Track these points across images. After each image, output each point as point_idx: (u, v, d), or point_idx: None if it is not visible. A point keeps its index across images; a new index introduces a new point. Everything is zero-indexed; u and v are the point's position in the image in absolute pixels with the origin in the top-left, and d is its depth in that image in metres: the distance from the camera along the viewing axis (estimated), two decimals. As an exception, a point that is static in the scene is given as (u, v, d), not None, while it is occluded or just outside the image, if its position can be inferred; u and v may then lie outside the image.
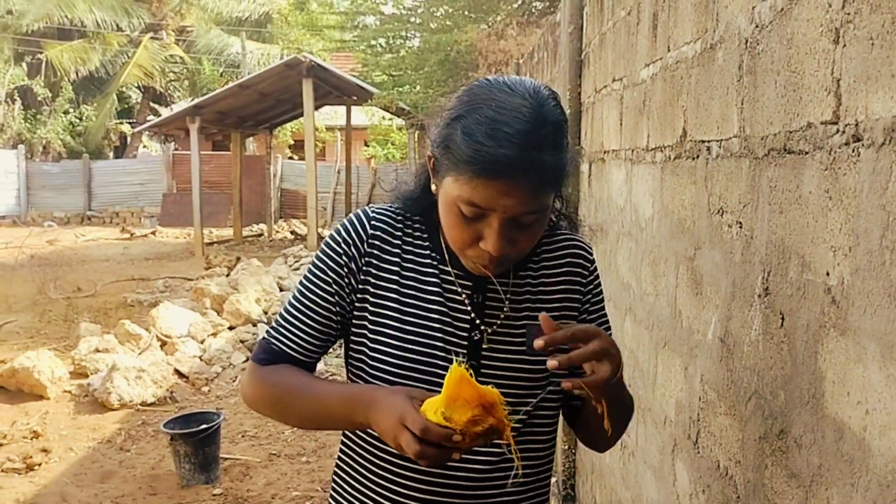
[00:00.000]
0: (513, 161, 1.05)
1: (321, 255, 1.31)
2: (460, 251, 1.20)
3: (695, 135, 1.69)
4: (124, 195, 22.55)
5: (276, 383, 1.28)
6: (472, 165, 1.08)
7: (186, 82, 25.79)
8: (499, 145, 1.06)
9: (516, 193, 1.08)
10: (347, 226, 1.30)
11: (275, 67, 14.09)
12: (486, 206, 1.10)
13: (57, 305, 9.83)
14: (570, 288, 1.34)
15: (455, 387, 1.06)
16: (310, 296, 1.29)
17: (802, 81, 1.14)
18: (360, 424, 1.18)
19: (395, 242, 1.30)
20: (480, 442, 1.07)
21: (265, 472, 4.77)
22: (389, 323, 1.26)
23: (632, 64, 2.31)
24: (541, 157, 1.07)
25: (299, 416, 1.30)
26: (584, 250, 1.37)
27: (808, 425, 1.11)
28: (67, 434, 5.42)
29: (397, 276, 1.28)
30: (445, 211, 1.17)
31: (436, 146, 1.18)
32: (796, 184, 1.16)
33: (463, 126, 1.10)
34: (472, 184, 1.09)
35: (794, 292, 1.17)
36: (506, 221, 1.11)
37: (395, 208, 1.33)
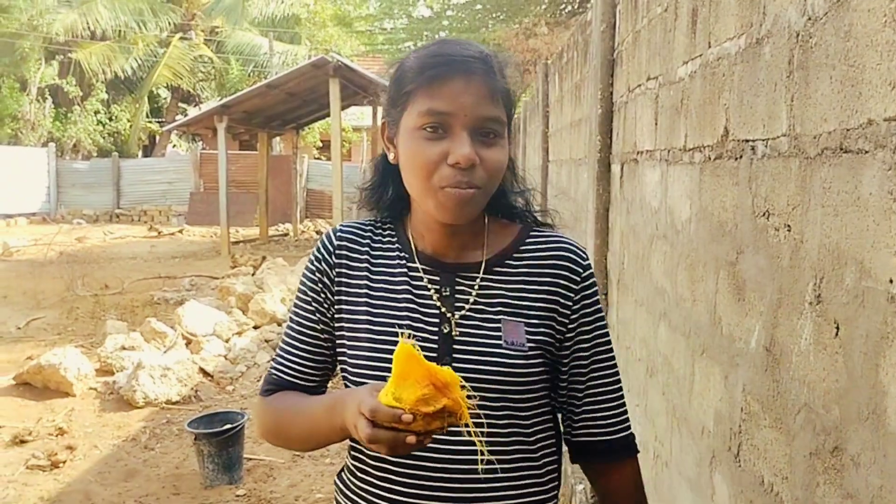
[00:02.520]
0: (463, 58, 1.16)
1: (302, 281, 1.35)
2: (426, 182, 1.17)
3: (738, 134, 1.62)
4: (152, 194, 22.78)
5: (274, 410, 1.31)
6: (429, 69, 1.16)
7: (214, 82, 26.01)
8: (448, 51, 1.18)
9: (472, 91, 1.15)
10: (318, 245, 1.35)
11: (302, 67, 14.11)
12: (447, 110, 1.14)
13: (84, 302, 9.93)
14: (554, 291, 1.27)
15: (403, 365, 1.03)
16: (298, 321, 1.33)
17: (862, 76, 1.07)
18: (342, 429, 1.15)
19: (363, 250, 1.32)
20: (437, 425, 1.02)
21: (289, 473, 4.74)
22: (362, 326, 1.27)
23: (668, 62, 2.23)
24: (489, 57, 1.20)
25: (298, 438, 1.31)
26: (574, 254, 1.30)
27: (867, 443, 1.04)
28: (92, 432, 5.45)
29: (367, 279, 1.29)
30: (408, 149, 1.18)
31: (388, 100, 1.25)
32: (854, 185, 1.09)
33: (412, 57, 1.22)
34: (430, 90, 1.15)
35: (851, 300, 1.09)
36: (469, 129, 1.15)
37: (364, 220, 1.37)
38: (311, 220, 21.28)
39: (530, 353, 1.23)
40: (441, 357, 1.21)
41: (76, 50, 22.69)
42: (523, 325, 1.24)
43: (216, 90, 25.68)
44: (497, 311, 1.25)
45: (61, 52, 22.97)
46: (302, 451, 1.40)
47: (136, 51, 23.29)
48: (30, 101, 22.44)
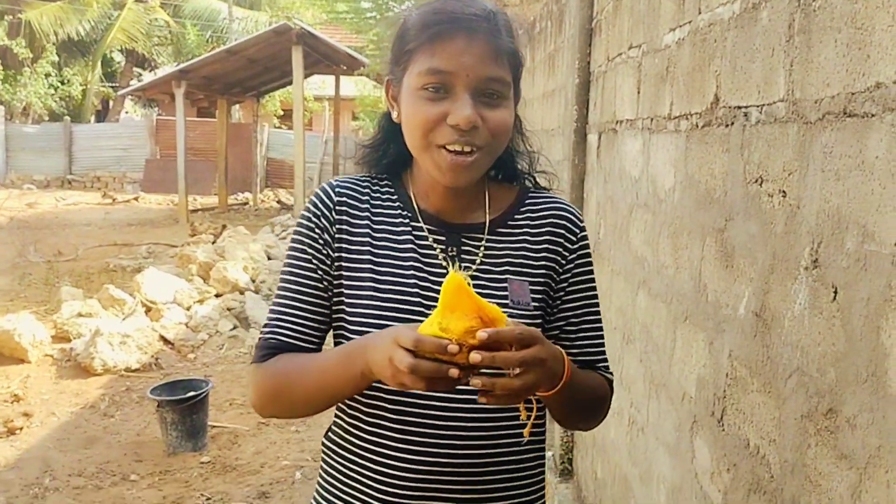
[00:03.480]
0: (467, 14, 1.13)
1: (296, 237, 1.29)
2: (425, 140, 1.16)
3: (729, 101, 1.61)
4: (106, 160, 22.18)
5: (276, 373, 1.23)
6: (431, 26, 1.13)
7: (171, 47, 25.33)
8: (452, 7, 1.14)
9: (475, 50, 1.12)
10: (315, 200, 1.29)
11: (264, 34, 13.84)
12: (449, 69, 1.12)
13: (37, 269, 9.69)
14: (551, 251, 1.28)
15: (451, 296, 0.99)
16: (295, 279, 1.26)
17: (871, 38, 1.06)
18: (361, 376, 1.11)
19: (363, 206, 1.28)
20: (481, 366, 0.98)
21: (254, 440, 4.71)
22: (366, 284, 1.23)
23: (653, 29, 2.22)
24: (493, 15, 1.16)
25: (304, 397, 1.22)
26: (571, 214, 1.32)
27: (865, 404, 1.05)
28: (49, 399, 5.34)
29: (369, 237, 1.26)
30: (410, 107, 1.17)
31: (391, 58, 1.22)
32: (858, 149, 1.09)
33: (415, 14, 1.19)
34: (431, 48, 1.13)
35: (852, 264, 1.10)
36: (471, 89, 1.13)
37: (359, 176, 1.33)
38: (271, 190, 20.99)
39: (535, 313, 1.24)
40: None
41: (26, 10, 21.85)
42: (528, 284, 1.24)
43: (172, 55, 25.02)
44: (503, 272, 1.24)
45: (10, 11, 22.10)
46: (305, 413, 1.27)
47: (89, 12, 22.52)
48: (-23, 62, 21.61)
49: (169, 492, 4.03)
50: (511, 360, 0.98)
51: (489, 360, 0.96)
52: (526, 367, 0.99)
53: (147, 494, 4.00)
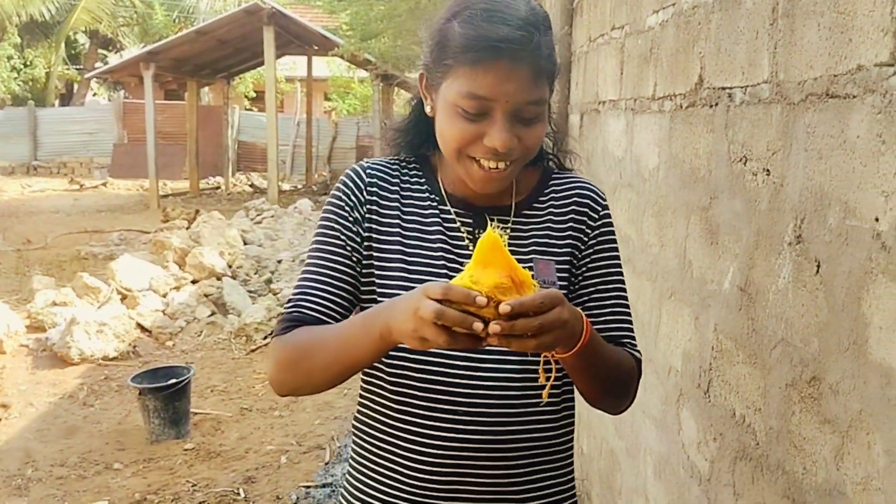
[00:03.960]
0: (513, 39, 1.08)
1: (326, 215, 1.30)
2: (458, 153, 1.16)
3: (713, 82, 1.66)
4: (72, 145, 21.77)
5: (296, 341, 1.22)
6: (472, 51, 1.09)
7: (137, 28, 24.86)
8: (497, 26, 1.09)
9: (517, 78, 1.10)
10: (345, 180, 1.31)
11: (234, 13, 13.70)
12: (489, 96, 1.10)
13: (6, 258, 9.56)
14: (575, 229, 1.30)
15: (486, 253, 1.00)
16: (324, 255, 1.27)
17: (853, 23, 1.11)
18: (379, 337, 1.09)
19: (394, 189, 1.30)
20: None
21: (237, 426, 4.73)
22: (395, 266, 1.25)
23: (636, 11, 2.26)
24: (538, 37, 1.11)
25: (323, 366, 1.19)
26: (594, 193, 1.34)
27: (847, 371, 1.11)
28: (26, 389, 5.30)
29: (398, 220, 1.28)
30: (445, 116, 1.16)
31: (429, 56, 1.19)
32: (840, 129, 1.14)
33: (459, 20, 1.13)
34: (473, 73, 1.10)
35: (834, 239, 1.16)
36: (510, 114, 1.12)
37: (388, 159, 1.34)
38: (243, 173, 20.79)
39: (560, 292, 1.22)
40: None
41: (-15, -9, 21.31)
42: (553, 264, 1.26)
43: (139, 36, 24.56)
44: (529, 252, 1.26)
45: (-31, -8, 21.53)
46: (322, 384, 1.22)
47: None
48: (-65, 45, 21.05)
49: (154, 479, 4.04)
50: (530, 326, 0.98)
51: (508, 328, 0.96)
52: (547, 329, 0.99)
53: (132, 483, 4.00)
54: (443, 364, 1.22)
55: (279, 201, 13.16)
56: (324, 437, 4.53)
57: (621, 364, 1.26)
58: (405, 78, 13.84)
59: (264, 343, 6.26)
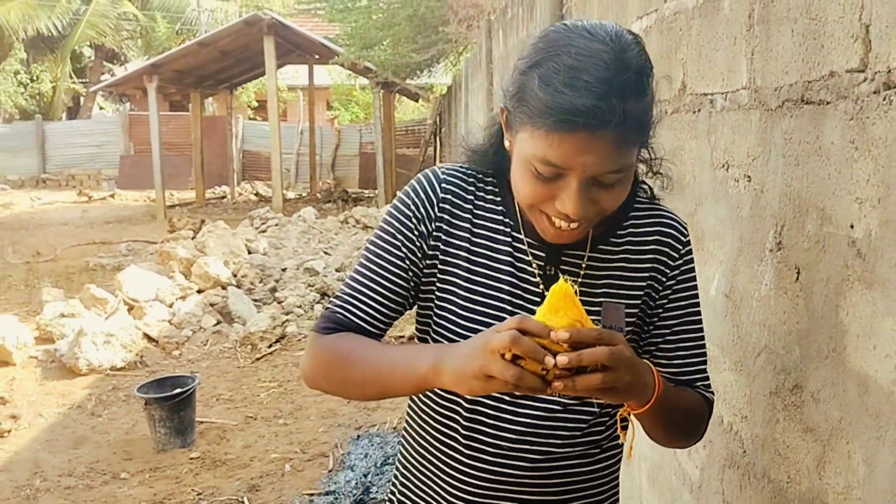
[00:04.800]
0: (593, 111, 0.96)
1: (390, 219, 1.23)
2: (530, 208, 1.10)
3: (696, 88, 1.66)
4: (80, 157, 21.92)
5: (338, 348, 1.19)
6: (549, 118, 0.98)
7: (141, 41, 25.01)
8: (578, 94, 0.97)
9: (597, 149, 0.99)
10: (416, 187, 1.22)
11: (234, 25, 13.74)
12: (565, 165, 1.01)
13: (16, 270, 9.60)
14: (656, 268, 1.21)
15: (557, 300, 0.99)
16: (379, 261, 1.21)
17: (824, 29, 1.11)
18: (423, 375, 1.07)
19: (467, 207, 1.22)
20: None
21: (242, 434, 4.73)
22: (457, 291, 1.19)
23: (622, 17, 2.26)
24: (623, 107, 0.97)
25: (360, 381, 1.17)
26: (676, 227, 1.23)
27: (827, 379, 1.11)
28: (36, 400, 5.32)
29: (468, 242, 1.20)
30: (519, 168, 1.08)
31: (509, 98, 1.09)
32: (815, 135, 1.14)
33: (540, 75, 1.01)
34: (548, 139, 1.00)
35: (813, 246, 1.15)
36: (586, 181, 1.02)
37: (466, 168, 1.24)
38: (248, 182, 20.87)
39: (628, 339, 1.17)
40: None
41: (-8, 7, 21.48)
42: (623, 307, 1.18)
43: (143, 49, 24.71)
44: (600, 294, 1.18)
45: (-25, 9, 21.69)
46: (354, 395, 1.25)
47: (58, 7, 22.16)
48: (-57, 62, 21.22)
49: (160, 488, 4.05)
50: (598, 355, 0.95)
51: (576, 359, 0.94)
52: (611, 364, 0.96)
53: (138, 492, 4.02)
54: (490, 398, 1.19)
55: (284, 210, 13.19)
56: (327, 445, 4.53)
57: (692, 410, 1.22)
58: (405, 85, 13.86)
59: (269, 351, 6.28)
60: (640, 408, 1.08)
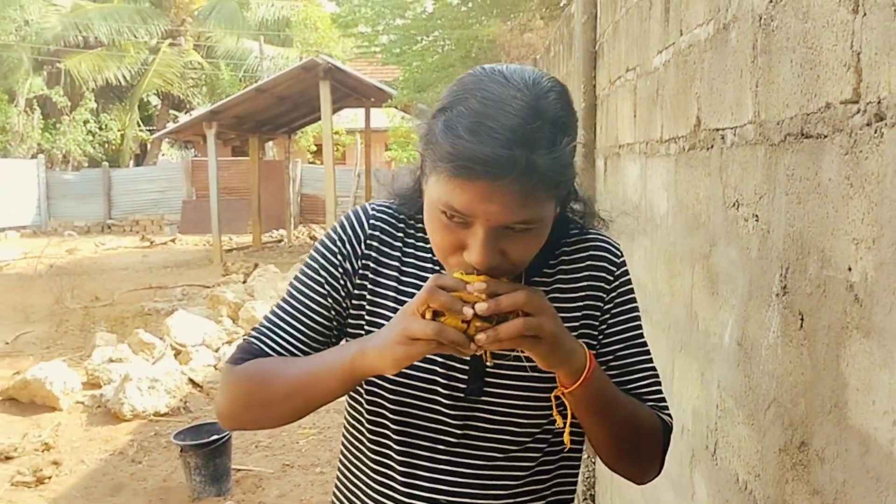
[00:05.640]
0: (494, 160, 0.90)
1: (315, 255, 1.19)
2: (443, 260, 1.05)
3: (709, 123, 1.58)
4: (144, 203, 22.64)
5: (255, 370, 1.13)
6: (449, 163, 0.93)
7: (205, 88, 25.91)
8: (479, 141, 0.91)
9: (500, 199, 0.93)
10: (344, 223, 1.20)
11: (291, 70, 14.06)
12: (468, 213, 0.96)
13: (74, 315, 9.86)
14: (592, 295, 1.17)
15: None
16: (300, 297, 1.18)
17: (819, 58, 1.03)
18: (350, 363, 1.04)
19: (396, 245, 1.19)
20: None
21: (278, 483, 4.69)
22: None
23: (645, 52, 2.20)
24: (530, 158, 0.91)
25: (284, 392, 1.10)
26: (609, 252, 1.20)
27: (831, 437, 1.01)
28: (79, 446, 5.39)
29: (396, 281, 1.17)
30: (428, 214, 1.04)
31: (421, 141, 1.04)
32: (814, 171, 1.06)
33: (445, 119, 0.97)
34: (450, 185, 0.95)
35: (814, 290, 1.06)
36: (491, 231, 0.97)
37: (396, 206, 1.21)
38: (305, 226, 21.21)
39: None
40: (471, 386, 1.13)
41: (65, 59, 22.59)
42: None
43: (207, 96, 25.58)
44: None
45: (49, 62, 22.85)
46: (279, 416, 1.14)
47: (127, 58, 23.19)
48: (18, 112, 22.30)
49: (193, 535, 4.03)
50: (516, 298, 0.94)
51: (494, 305, 0.93)
52: (531, 310, 0.95)
53: (171, 539, 4.01)
54: (425, 451, 1.15)
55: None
56: (364, 493, 4.46)
57: (640, 418, 1.16)
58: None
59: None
60: (573, 383, 1.02)
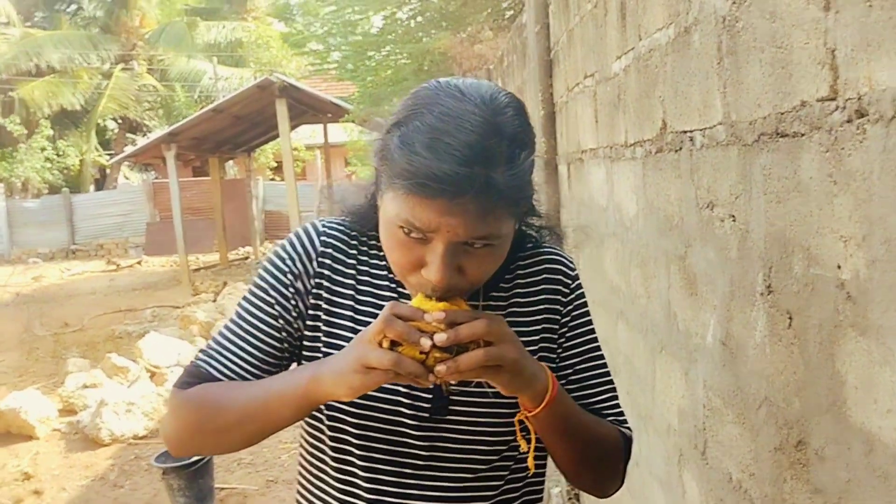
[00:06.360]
0: (451, 178, 0.88)
1: (263, 275, 1.13)
2: (402, 278, 1.03)
3: (675, 125, 1.58)
4: (108, 227, 22.28)
5: (206, 396, 1.08)
6: (407, 180, 0.91)
7: (161, 111, 25.59)
8: (437, 158, 0.89)
9: (459, 215, 0.91)
10: (294, 241, 1.14)
11: (247, 90, 13.92)
12: (426, 228, 0.93)
13: (44, 342, 9.65)
14: (549, 309, 1.17)
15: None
16: (250, 319, 1.12)
17: (791, 57, 1.03)
18: (304, 390, 1.00)
19: (350, 262, 1.14)
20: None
21: (263, 499, 4.63)
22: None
23: (603, 58, 2.20)
24: (488, 175, 0.89)
25: (236, 419, 1.05)
26: (563, 265, 1.20)
27: (831, 436, 1.00)
28: (59, 474, 5.28)
29: (352, 300, 1.12)
30: (385, 231, 1.01)
31: (376, 156, 1.02)
32: (793, 169, 1.06)
33: (401, 134, 0.94)
34: (408, 202, 0.92)
35: (802, 289, 1.06)
36: (450, 247, 0.94)
37: (347, 222, 1.17)
38: (270, 242, 21.04)
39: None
40: (436, 406, 1.09)
41: (17, 87, 22.15)
42: None
43: (164, 118, 25.25)
44: None
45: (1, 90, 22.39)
46: (229, 443, 1.11)
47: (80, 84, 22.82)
48: (-28, 143, 21.84)
49: (179, 564, 3.95)
50: (476, 328, 0.91)
51: (454, 335, 0.90)
52: (492, 338, 0.92)
53: (156, 569, 3.93)
54: (392, 475, 1.12)
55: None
56: (350, 510, 4.42)
57: (602, 435, 1.15)
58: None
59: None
60: (536, 406, 1.00)
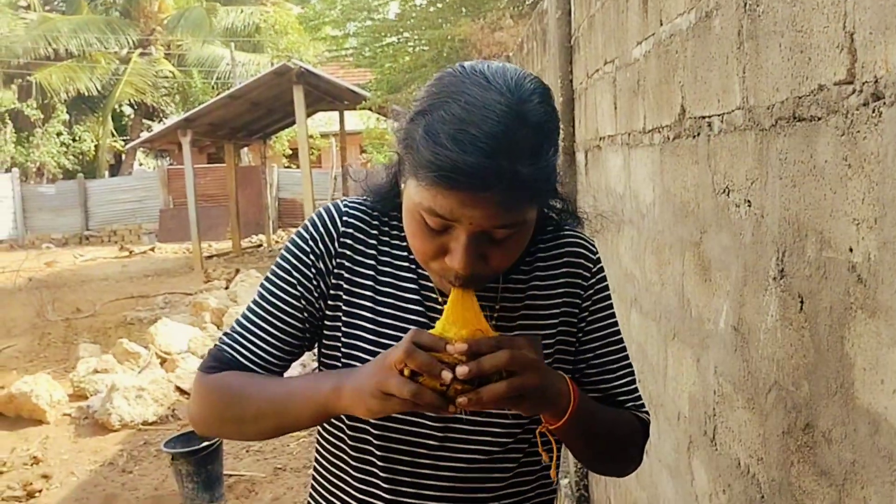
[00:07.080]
0: (478, 170, 0.88)
1: (286, 255, 1.15)
2: (424, 264, 1.04)
3: (694, 111, 1.59)
4: (121, 213, 22.45)
5: (230, 384, 1.11)
6: (432, 172, 0.91)
7: (178, 96, 25.69)
8: (462, 150, 0.89)
9: (483, 205, 0.92)
10: (316, 221, 1.16)
11: (264, 76, 13.97)
12: (450, 217, 0.94)
13: (56, 327, 9.75)
14: (570, 293, 1.18)
15: (456, 310, 0.97)
16: (272, 300, 1.14)
17: (810, 41, 1.04)
18: (324, 400, 1.02)
19: (371, 242, 1.15)
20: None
21: (271, 487, 4.67)
22: (363, 335, 1.13)
23: (623, 44, 2.20)
24: (513, 167, 0.90)
25: (254, 417, 1.09)
26: (585, 248, 1.21)
27: (838, 418, 1.01)
28: (68, 458, 5.34)
29: (372, 280, 1.14)
30: (408, 217, 1.02)
31: (399, 144, 1.02)
32: (809, 153, 1.06)
33: (426, 124, 0.94)
34: (432, 191, 0.93)
35: (814, 272, 1.06)
36: (474, 235, 0.95)
37: (369, 203, 1.18)
38: (284, 230, 21.11)
39: (558, 369, 1.14)
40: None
41: (35, 72, 22.30)
42: (540, 338, 1.13)
43: (180, 104, 25.36)
44: (516, 326, 1.14)
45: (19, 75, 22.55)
46: (249, 434, 1.16)
47: (98, 69, 22.93)
48: (-10, 126, 22.02)
49: (188, 544, 4.00)
50: (499, 360, 0.91)
51: (476, 368, 0.90)
52: (515, 368, 0.92)
53: (166, 549, 3.98)
54: (407, 455, 1.14)
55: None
56: (358, 495, 4.45)
57: (621, 427, 1.17)
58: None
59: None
60: (558, 421, 1.01)
